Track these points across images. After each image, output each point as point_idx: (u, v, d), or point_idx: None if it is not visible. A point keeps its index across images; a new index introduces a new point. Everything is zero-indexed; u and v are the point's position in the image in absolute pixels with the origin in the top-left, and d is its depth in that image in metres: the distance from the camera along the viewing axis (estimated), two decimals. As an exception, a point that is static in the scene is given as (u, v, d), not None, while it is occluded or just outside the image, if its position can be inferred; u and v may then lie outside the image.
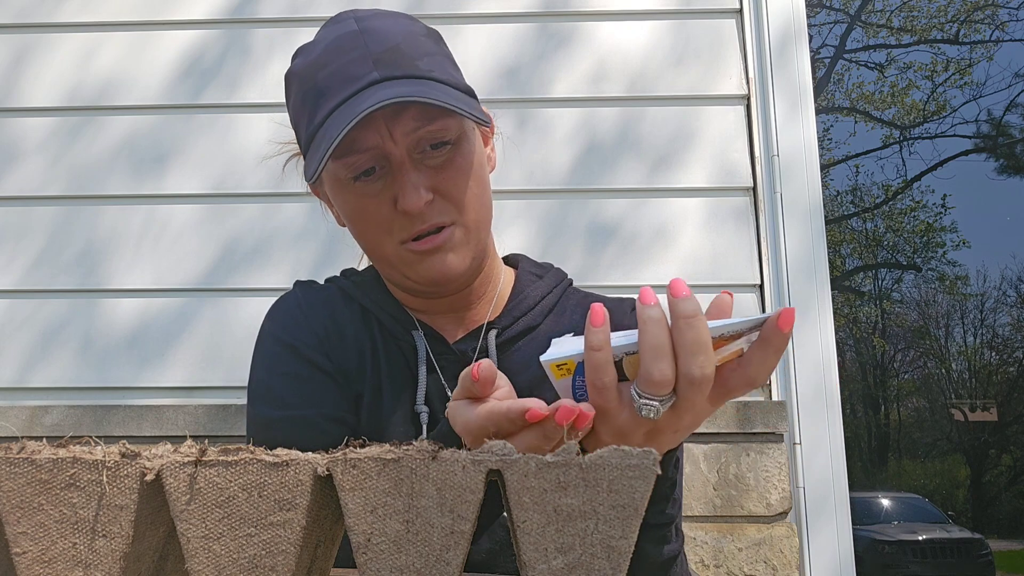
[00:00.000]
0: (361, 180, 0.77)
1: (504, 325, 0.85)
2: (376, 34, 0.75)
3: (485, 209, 0.82)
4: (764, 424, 1.74)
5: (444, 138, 0.76)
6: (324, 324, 0.86)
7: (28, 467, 0.40)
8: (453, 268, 0.79)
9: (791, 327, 0.50)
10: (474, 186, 0.79)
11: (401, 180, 0.75)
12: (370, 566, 0.39)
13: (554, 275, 0.92)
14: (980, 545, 9.13)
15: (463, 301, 0.86)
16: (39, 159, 1.96)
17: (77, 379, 1.84)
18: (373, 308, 0.86)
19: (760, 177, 1.91)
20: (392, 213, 0.77)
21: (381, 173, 0.76)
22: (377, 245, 0.80)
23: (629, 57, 1.98)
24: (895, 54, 14.70)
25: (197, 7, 2.02)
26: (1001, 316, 17.77)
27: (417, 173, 0.76)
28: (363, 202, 0.78)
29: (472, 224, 0.80)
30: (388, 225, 0.78)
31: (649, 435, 0.54)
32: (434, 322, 0.87)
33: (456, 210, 0.78)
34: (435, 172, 0.77)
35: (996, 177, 15.29)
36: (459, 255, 0.79)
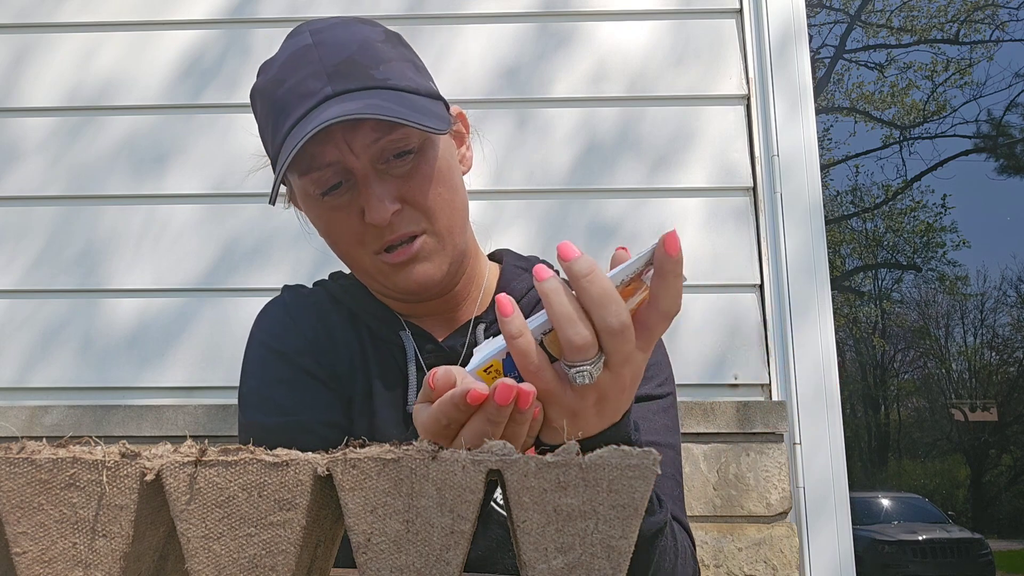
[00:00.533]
0: (329, 195, 0.77)
1: (491, 319, 0.85)
2: (330, 47, 0.75)
3: (457, 213, 0.81)
4: (764, 424, 1.75)
5: (406, 147, 0.76)
6: (313, 328, 0.86)
7: (28, 467, 0.40)
8: (430, 277, 0.79)
9: (678, 249, 0.50)
10: (443, 192, 0.79)
11: (366, 193, 0.75)
12: (370, 566, 0.39)
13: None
14: (980, 545, 9.13)
15: (449, 303, 0.87)
16: (39, 159, 1.96)
17: (77, 379, 1.84)
18: (360, 311, 0.86)
19: (760, 177, 1.91)
20: (362, 225, 0.77)
21: (347, 187, 0.77)
22: (353, 258, 0.80)
23: (629, 57, 1.98)
24: (895, 54, 14.70)
25: (197, 7, 2.02)
26: (1001, 316, 17.78)
27: (382, 184, 0.76)
28: (333, 216, 0.78)
29: (444, 231, 0.79)
30: (360, 237, 0.78)
31: (599, 404, 0.54)
32: (422, 322, 0.87)
33: (425, 218, 0.78)
34: (401, 181, 0.77)
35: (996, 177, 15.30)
36: (434, 263, 0.79)
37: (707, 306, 1.84)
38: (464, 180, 0.85)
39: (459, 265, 0.84)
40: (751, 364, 1.81)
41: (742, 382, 1.81)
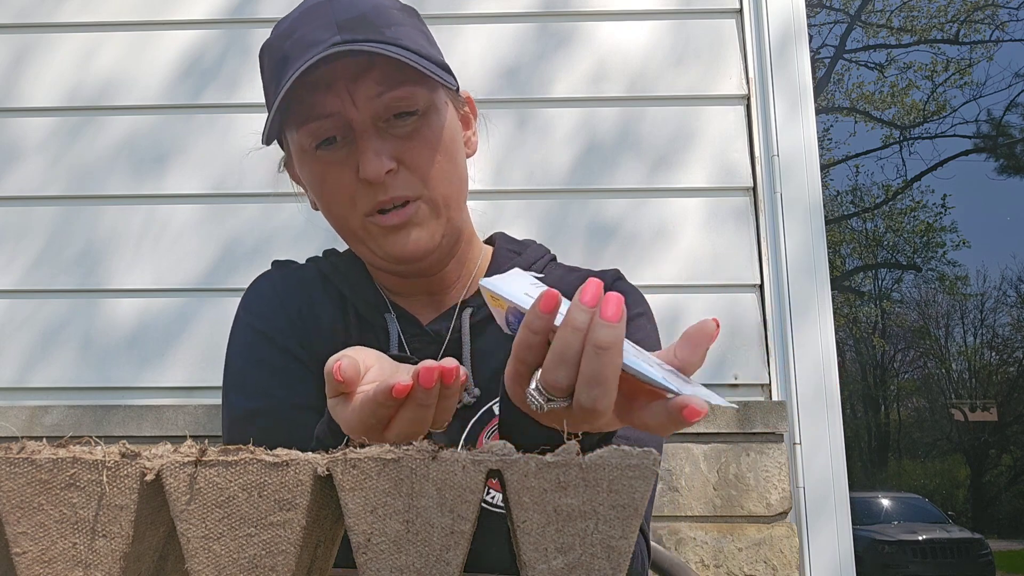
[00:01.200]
0: (323, 148, 0.74)
1: (479, 303, 0.83)
2: (344, 4, 0.74)
3: (455, 187, 0.78)
4: (764, 424, 1.75)
5: (410, 107, 0.74)
6: (299, 308, 0.84)
7: (28, 467, 0.40)
8: (420, 245, 0.76)
9: (693, 421, 0.46)
10: (443, 161, 0.76)
11: (362, 146, 0.73)
12: (370, 566, 0.39)
13: (534, 250, 0.89)
14: (980, 545, 9.13)
15: (438, 284, 0.84)
16: (39, 159, 1.96)
17: (77, 379, 1.84)
18: (348, 293, 0.84)
19: (760, 177, 1.91)
20: (355, 183, 0.74)
21: (344, 142, 0.74)
22: (343, 218, 0.77)
23: (629, 57, 1.98)
24: (895, 54, 14.70)
25: (197, 7, 2.02)
26: (1001, 316, 17.78)
27: (380, 141, 0.73)
28: (326, 171, 0.75)
29: (440, 200, 0.76)
30: (351, 196, 0.75)
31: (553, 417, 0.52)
32: (410, 305, 0.85)
33: (421, 183, 0.75)
34: (400, 142, 0.74)
35: (996, 177, 15.30)
36: (427, 231, 0.76)
37: (707, 306, 1.84)
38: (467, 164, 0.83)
39: (453, 242, 0.81)
40: (751, 364, 1.81)
41: (742, 382, 1.81)
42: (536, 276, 0.60)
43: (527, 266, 0.87)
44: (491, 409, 0.80)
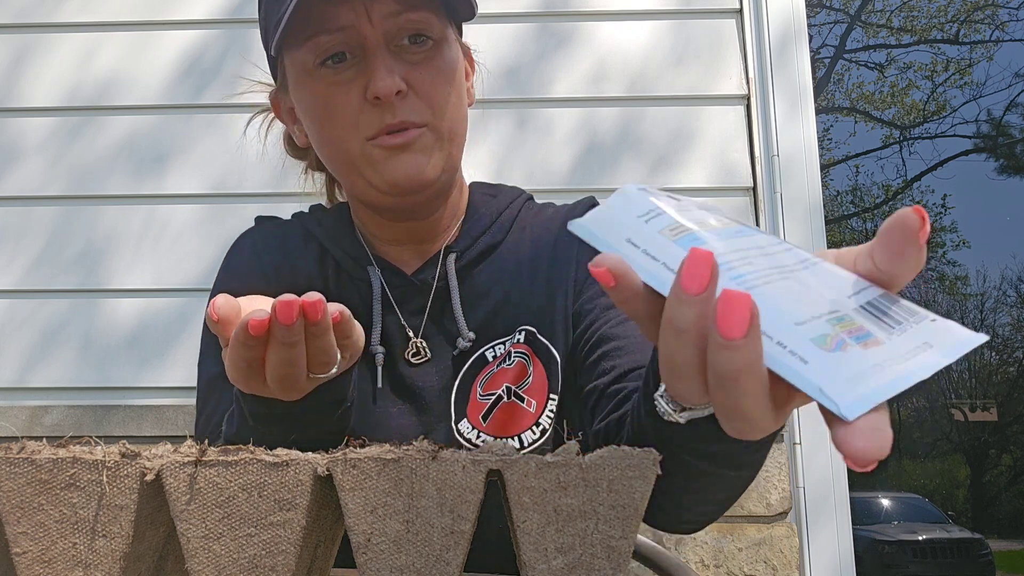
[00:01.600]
0: (329, 66, 0.71)
1: (463, 247, 0.80)
2: None
3: (460, 123, 0.76)
4: (764, 424, 1.74)
5: (425, 32, 0.72)
6: (277, 266, 0.82)
7: (28, 467, 0.40)
8: (422, 171, 0.72)
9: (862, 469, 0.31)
10: (452, 93, 0.74)
11: (375, 63, 0.69)
12: (370, 566, 0.39)
13: (508, 191, 0.88)
14: (980, 545, 9.13)
15: (427, 231, 0.81)
16: (39, 159, 1.96)
17: (77, 379, 1.84)
18: (330, 246, 0.82)
19: (760, 177, 1.91)
20: (360, 104, 0.71)
21: (353, 61, 0.71)
22: (341, 144, 0.73)
23: (629, 57, 1.98)
24: (895, 54, 14.69)
25: (197, 7, 2.02)
26: (1001, 316, 17.77)
27: (392, 59, 0.70)
28: (329, 91, 0.71)
29: (446, 131, 0.74)
30: (354, 119, 0.71)
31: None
32: (395, 255, 0.82)
33: (430, 111, 0.72)
34: (412, 67, 0.71)
35: (996, 177, 15.29)
36: (429, 159, 0.73)
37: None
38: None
39: (449, 184, 0.78)
40: (751, 364, 1.81)
41: (742, 382, 1.81)
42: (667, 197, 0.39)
43: (505, 205, 0.84)
44: (484, 355, 0.78)
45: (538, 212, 0.87)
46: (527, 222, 0.85)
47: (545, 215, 0.86)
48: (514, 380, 0.77)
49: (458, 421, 0.77)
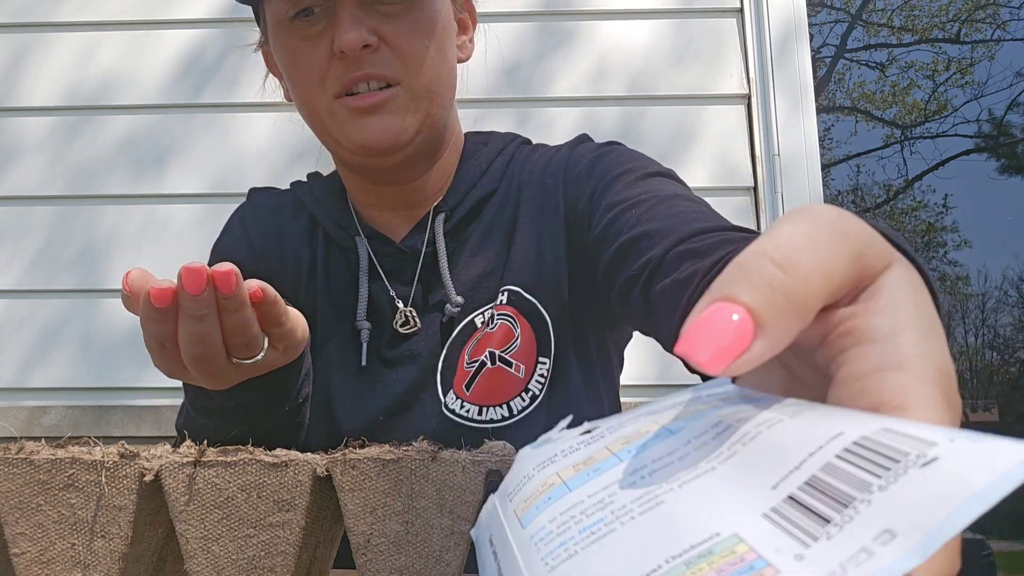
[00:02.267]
0: (299, 19, 0.68)
1: (452, 205, 0.76)
2: None
3: (442, 81, 0.72)
4: (765, 424, 1.74)
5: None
6: (265, 239, 0.80)
7: (26, 467, 0.39)
8: (389, 134, 0.68)
9: None
10: (432, 49, 0.69)
11: (341, 15, 0.66)
12: (369, 567, 0.39)
13: (500, 137, 0.82)
14: (982, 546, 9.12)
15: (416, 195, 0.77)
16: (38, 159, 1.96)
17: (76, 379, 1.84)
18: (319, 215, 0.79)
19: (761, 177, 1.90)
20: (326, 59, 0.68)
21: (322, 14, 0.68)
22: (310, 100, 0.70)
23: (630, 56, 1.98)
24: (896, 53, 14.68)
25: (196, 6, 2.02)
26: (1002, 316, 17.76)
27: (362, 12, 0.67)
28: (299, 47, 0.69)
29: (422, 90, 0.69)
30: (322, 75, 0.68)
31: None
32: (385, 222, 0.78)
33: (403, 67, 0.68)
34: (385, 20, 0.68)
35: (997, 177, 15.27)
36: (399, 120, 0.69)
37: (708, 306, 1.83)
38: (458, 68, 0.77)
39: (434, 145, 0.74)
40: (752, 364, 1.81)
41: (743, 382, 1.81)
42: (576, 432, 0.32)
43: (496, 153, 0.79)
44: (473, 322, 0.74)
45: (529, 156, 0.80)
46: (516, 169, 0.80)
47: (532, 159, 0.80)
48: (499, 344, 0.72)
49: (445, 393, 0.73)
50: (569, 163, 0.77)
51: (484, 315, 0.74)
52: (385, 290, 0.76)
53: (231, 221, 0.84)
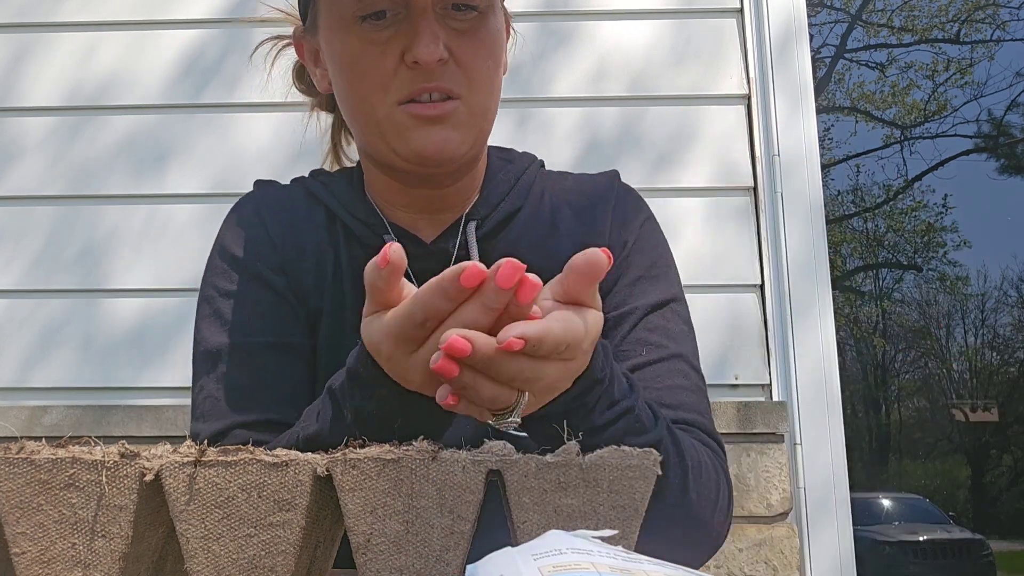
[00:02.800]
0: (370, 22, 0.67)
1: (483, 214, 0.77)
2: None
3: (494, 99, 0.74)
4: (765, 424, 1.74)
5: (473, 1, 0.69)
6: (281, 231, 0.78)
7: (27, 467, 0.40)
8: (449, 147, 0.70)
9: None
10: (491, 66, 0.72)
11: (420, 27, 0.66)
12: (370, 567, 0.39)
13: (521, 156, 0.86)
14: (981, 546, 9.12)
15: (442, 202, 0.77)
16: (39, 158, 1.96)
17: (77, 379, 1.84)
18: (340, 211, 0.78)
19: (761, 177, 1.90)
20: (396, 67, 0.68)
21: (393, 20, 0.67)
22: (368, 105, 0.70)
23: (630, 56, 1.98)
24: (896, 54, 14.69)
25: (196, 6, 2.02)
26: (1002, 316, 17.76)
27: (438, 25, 0.67)
28: (365, 49, 0.68)
29: (479, 108, 0.71)
30: (387, 81, 0.68)
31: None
32: (410, 222, 0.78)
33: (467, 83, 0.69)
34: (455, 36, 0.69)
35: (997, 177, 15.28)
36: (460, 135, 0.70)
37: (708, 306, 1.83)
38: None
39: (477, 154, 0.76)
40: (752, 364, 1.81)
41: (743, 382, 1.81)
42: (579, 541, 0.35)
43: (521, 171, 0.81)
44: None
45: (557, 180, 0.85)
46: (544, 188, 0.83)
47: (564, 185, 0.84)
48: None
49: None
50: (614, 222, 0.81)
51: None
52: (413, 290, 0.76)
53: (240, 209, 0.82)
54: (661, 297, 0.78)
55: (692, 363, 0.76)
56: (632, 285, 0.78)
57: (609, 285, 0.78)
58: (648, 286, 0.78)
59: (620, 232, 0.80)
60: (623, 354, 0.75)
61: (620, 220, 0.81)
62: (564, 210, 0.81)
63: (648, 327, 0.76)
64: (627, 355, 0.74)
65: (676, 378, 0.74)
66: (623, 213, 0.82)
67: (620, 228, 0.81)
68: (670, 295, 0.78)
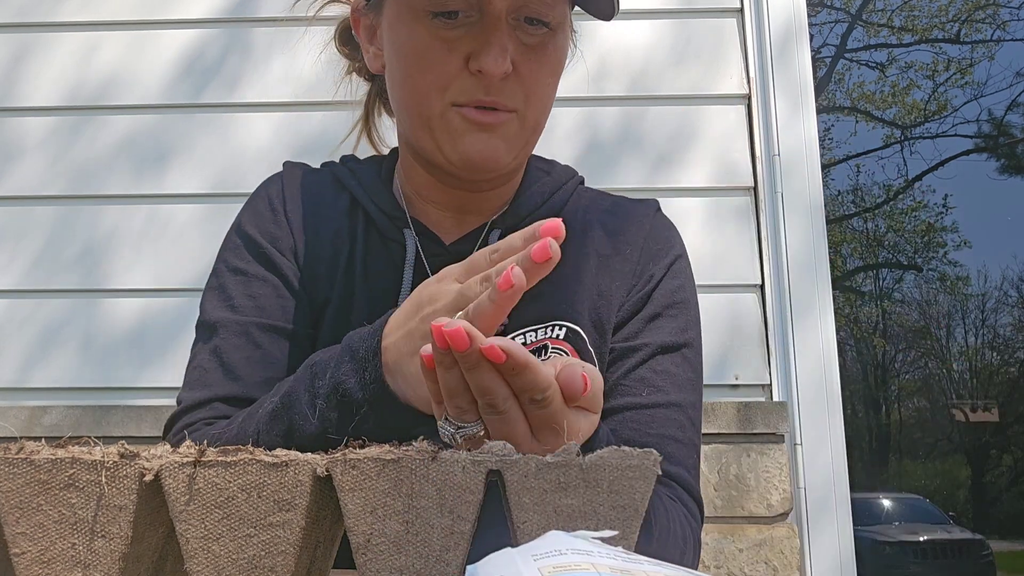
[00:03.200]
0: (441, 19, 0.66)
1: (509, 225, 0.76)
2: None
3: (547, 113, 0.73)
4: (765, 424, 1.74)
5: (546, 17, 0.68)
6: (300, 216, 0.78)
7: (27, 467, 0.39)
8: (497, 156, 0.69)
9: None
10: (551, 85, 0.71)
11: (492, 37, 0.66)
12: (370, 567, 0.39)
13: (562, 170, 0.84)
14: (981, 546, 9.12)
15: (473, 204, 0.77)
16: (39, 158, 1.96)
17: (77, 379, 1.84)
18: (363, 200, 0.77)
19: (761, 176, 1.90)
20: (459, 70, 0.67)
21: (465, 21, 0.66)
22: (423, 99, 0.69)
23: (630, 56, 1.98)
24: (896, 54, 14.68)
25: (197, 6, 2.02)
26: (1002, 316, 17.75)
27: (508, 38, 0.67)
28: (431, 45, 0.67)
29: (531, 123, 0.71)
30: (448, 82, 0.67)
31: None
32: (434, 219, 0.78)
33: (525, 99, 0.69)
34: (523, 50, 0.68)
35: (997, 177, 15.27)
36: (507, 146, 0.70)
37: (708, 306, 1.83)
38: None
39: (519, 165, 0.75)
40: (752, 364, 1.81)
41: (743, 382, 1.81)
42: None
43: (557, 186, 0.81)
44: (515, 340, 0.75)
45: (595, 199, 0.84)
46: (579, 206, 0.82)
47: (601, 204, 0.83)
48: None
49: None
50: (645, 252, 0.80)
51: (526, 337, 0.75)
52: None
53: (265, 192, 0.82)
54: (675, 339, 0.77)
55: (690, 415, 0.75)
56: (648, 320, 0.77)
57: (627, 315, 0.77)
58: (665, 324, 0.77)
59: (649, 264, 0.79)
60: (623, 389, 0.74)
61: (651, 251, 0.80)
62: (595, 228, 0.80)
63: (655, 368, 0.75)
64: (627, 391, 0.74)
65: (670, 427, 0.73)
66: (655, 245, 0.81)
67: (649, 260, 0.80)
68: (684, 339, 0.78)
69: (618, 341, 0.76)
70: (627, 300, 0.78)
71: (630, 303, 0.77)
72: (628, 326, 0.77)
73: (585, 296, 0.76)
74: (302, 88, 1.95)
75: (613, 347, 0.76)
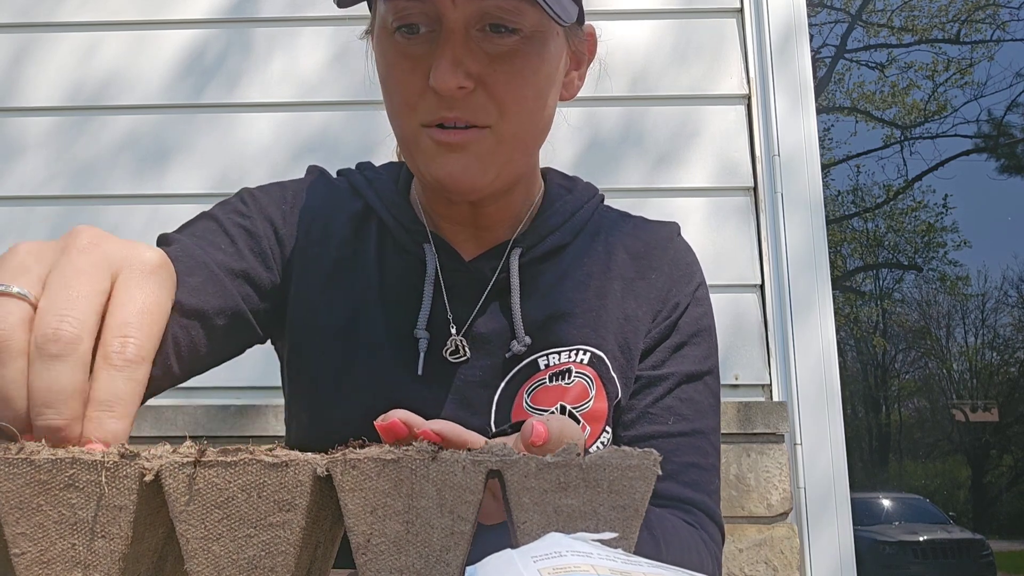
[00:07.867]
0: (404, 34, 0.64)
1: (530, 243, 0.75)
2: None
3: (534, 130, 0.70)
4: (765, 424, 1.74)
5: (512, 23, 0.63)
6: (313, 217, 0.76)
7: (27, 467, 0.39)
8: (468, 177, 0.66)
9: None
10: (530, 97, 0.66)
11: (444, 50, 0.63)
12: (370, 567, 0.39)
13: (585, 188, 0.83)
14: (981, 546, 9.12)
15: (484, 219, 0.76)
16: (40, 158, 1.96)
17: (77, 379, 1.84)
18: (380, 210, 0.76)
19: (761, 176, 1.90)
20: (422, 87, 0.64)
21: (427, 36, 0.64)
22: (396, 120, 0.68)
23: (631, 56, 1.98)
24: (896, 54, 14.69)
25: (198, 5, 2.02)
26: (1002, 316, 17.76)
27: (464, 51, 0.63)
28: (397, 63, 0.65)
29: (510, 137, 0.67)
30: (414, 101, 0.65)
31: None
32: (452, 234, 0.76)
33: (497, 112, 0.65)
34: (488, 60, 0.64)
35: (997, 177, 15.28)
36: (481, 165, 0.66)
37: (708, 306, 1.83)
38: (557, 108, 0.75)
39: (508, 183, 0.72)
40: (752, 364, 1.81)
41: (743, 382, 1.81)
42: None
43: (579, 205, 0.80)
44: (536, 362, 0.73)
45: (616, 221, 0.83)
46: (600, 226, 0.81)
47: (623, 228, 0.82)
48: (572, 401, 0.73)
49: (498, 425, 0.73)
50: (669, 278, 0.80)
51: (549, 359, 0.74)
52: (444, 307, 0.74)
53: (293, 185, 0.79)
54: (699, 368, 0.79)
55: (712, 440, 0.78)
56: (674, 349, 0.78)
57: (653, 343, 0.78)
58: (689, 353, 0.79)
59: (673, 290, 0.80)
60: (651, 417, 0.76)
61: (675, 277, 0.81)
62: (619, 251, 0.80)
63: (680, 396, 0.77)
64: (655, 419, 0.76)
65: (694, 455, 0.75)
66: (678, 272, 0.82)
67: (673, 286, 0.80)
68: (707, 367, 0.79)
69: (645, 369, 0.78)
70: (653, 327, 0.79)
71: (656, 330, 0.78)
72: (654, 354, 0.78)
73: (611, 320, 0.76)
74: (303, 88, 1.95)
75: (640, 375, 0.77)
